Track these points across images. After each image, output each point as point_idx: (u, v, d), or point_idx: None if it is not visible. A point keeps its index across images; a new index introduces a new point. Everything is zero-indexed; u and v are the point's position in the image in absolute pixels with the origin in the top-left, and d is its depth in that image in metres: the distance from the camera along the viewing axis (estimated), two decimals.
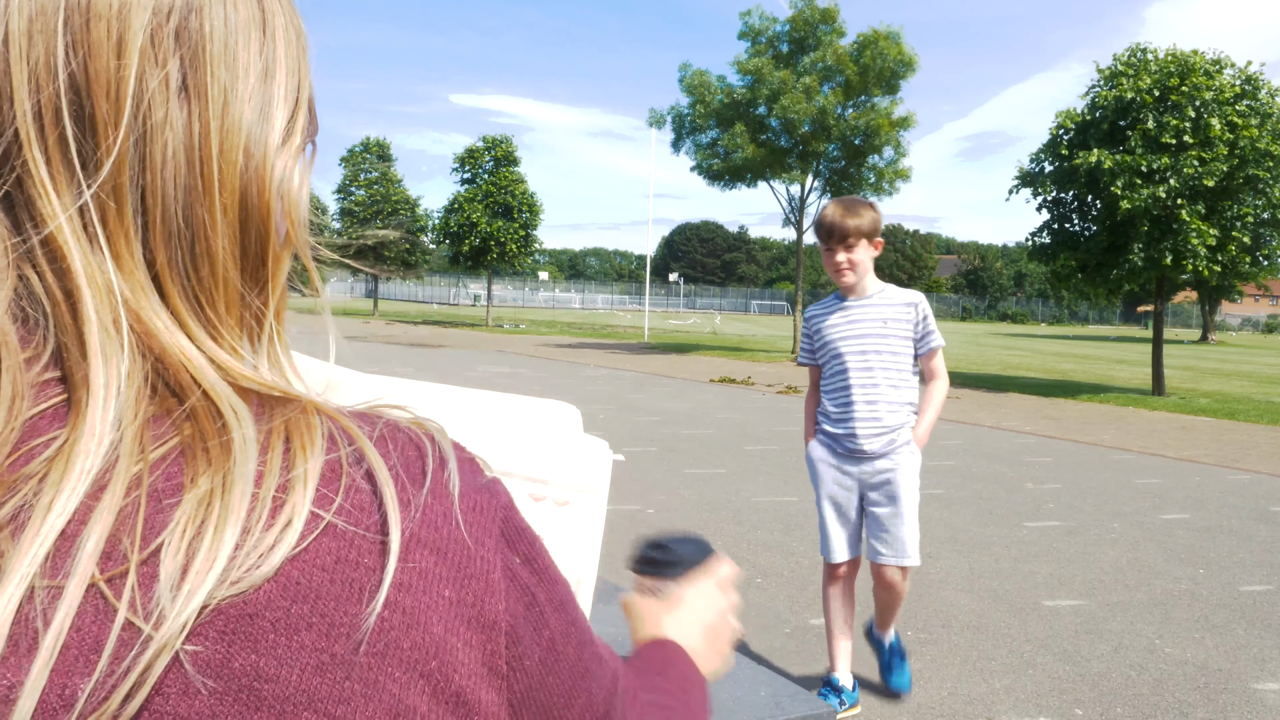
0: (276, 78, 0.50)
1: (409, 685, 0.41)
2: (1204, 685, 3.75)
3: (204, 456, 0.41)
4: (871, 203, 3.31)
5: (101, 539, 0.38)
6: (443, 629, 0.42)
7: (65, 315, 0.43)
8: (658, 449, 8.74)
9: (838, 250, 3.23)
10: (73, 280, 0.43)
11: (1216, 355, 33.47)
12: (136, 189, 0.45)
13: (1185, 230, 13.89)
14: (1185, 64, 14.40)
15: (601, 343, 27.42)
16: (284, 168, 0.50)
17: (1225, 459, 9.64)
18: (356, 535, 0.41)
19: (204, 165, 0.46)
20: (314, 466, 0.42)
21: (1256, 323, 77.05)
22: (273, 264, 0.49)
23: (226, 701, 0.37)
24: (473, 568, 0.44)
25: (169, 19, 0.46)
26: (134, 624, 0.37)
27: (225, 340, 0.47)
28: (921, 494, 3.29)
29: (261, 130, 0.49)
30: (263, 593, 0.39)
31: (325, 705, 0.39)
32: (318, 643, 0.39)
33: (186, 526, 0.39)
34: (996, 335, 47.40)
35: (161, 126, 0.45)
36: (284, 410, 0.44)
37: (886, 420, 3.22)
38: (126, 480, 0.40)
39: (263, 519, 0.40)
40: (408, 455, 0.45)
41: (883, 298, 3.30)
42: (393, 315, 41.37)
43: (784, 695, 1.45)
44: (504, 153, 34.82)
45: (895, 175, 24.11)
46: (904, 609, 4.52)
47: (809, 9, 23.43)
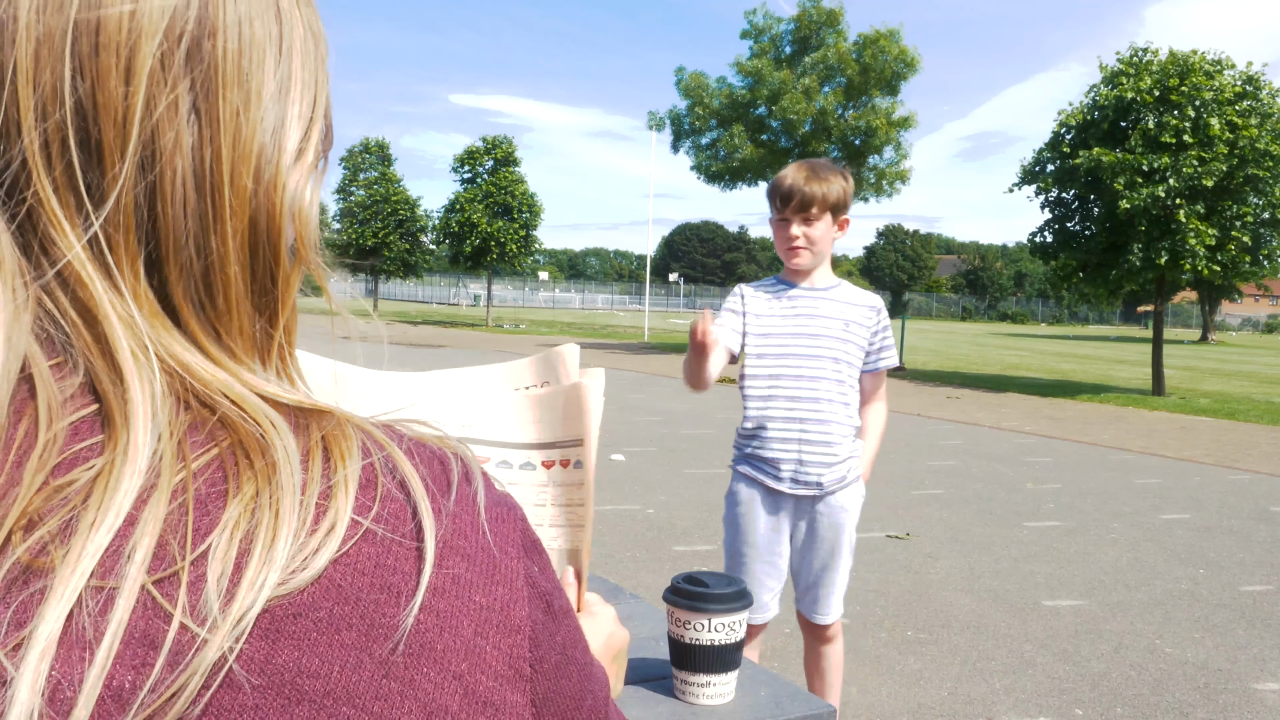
0: (291, 95, 0.49)
1: (442, 685, 0.42)
2: (1204, 685, 3.75)
3: (246, 464, 0.42)
4: (843, 170, 2.68)
5: (151, 545, 0.39)
6: (473, 632, 0.44)
7: (88, 339, 0.44)
8: (657, 449, 8.74)
9: (794, 221, 2.58)
10: (94, 308, 0.44)
11: (1216, 355, 33.48)
12: (146, 217, 0.45)
13: (1183, 230, 13.90)
14: (1185, 64, 14.41)
15: (601, 343, 27.42)
16: (296, 186, 0.50)
17: (1225, 459, 9.64)
18: (393, 541, 0.43)
19: (215, 192, 0.46)
20: (353, 474, 0.44)
21: (1256, 323, 77.05)
22: (282, 285, 0.50)
23: (269, 695, 0.39)
24: (499, 575, 0.46)
25: (180, 42, 0.45)
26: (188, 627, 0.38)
27: (243, 360, 0.48)
28: (920, 494, 3.17)
29: (274, 151, 0.48)
30: (306, 594, 0.40)
31: (364, 701, 0.40)
32: (358, 642, 0.41)
33: (234, 531, 0.40)
34: (996, 335, 47.41)
35: (171, 153, 0.45)
36: (319, 421, 0.46)
37: (843, 447, 2.60)
38: (171, 488, 0.41)
39: (307, 524, 0.41)
40: (434, 468, 0.47)
41: (841, 294, 2.68)
42: (393, 315, 41.36)
43: (784, 695, 1.45)
44: (504, 153, 34.85)
45: (895, 176, 24.14)
46: (904, 609, 4.52)
47: (815, 10, 23.47)
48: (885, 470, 7.92)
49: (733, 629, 1.42)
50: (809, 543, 2.66)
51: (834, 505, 2.63)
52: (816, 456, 2.57)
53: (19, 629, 0.37)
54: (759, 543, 2.65)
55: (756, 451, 2.63)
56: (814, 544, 2.65)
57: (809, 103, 22.86)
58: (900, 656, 3.93)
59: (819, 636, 2.76)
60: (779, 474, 2.60)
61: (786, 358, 2.60)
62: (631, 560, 5.15)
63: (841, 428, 2.60)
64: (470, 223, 33.46)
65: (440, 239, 35.78)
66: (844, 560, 2.67)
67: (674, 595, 1.46)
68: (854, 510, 2.66)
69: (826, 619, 2.71)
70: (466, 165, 35.10)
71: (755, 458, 2.63)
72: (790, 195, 2.56)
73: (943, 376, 18.93)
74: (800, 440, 2.57)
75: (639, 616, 1.72)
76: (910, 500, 6.74)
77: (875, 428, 2.75)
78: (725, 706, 1.41)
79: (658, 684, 1.48)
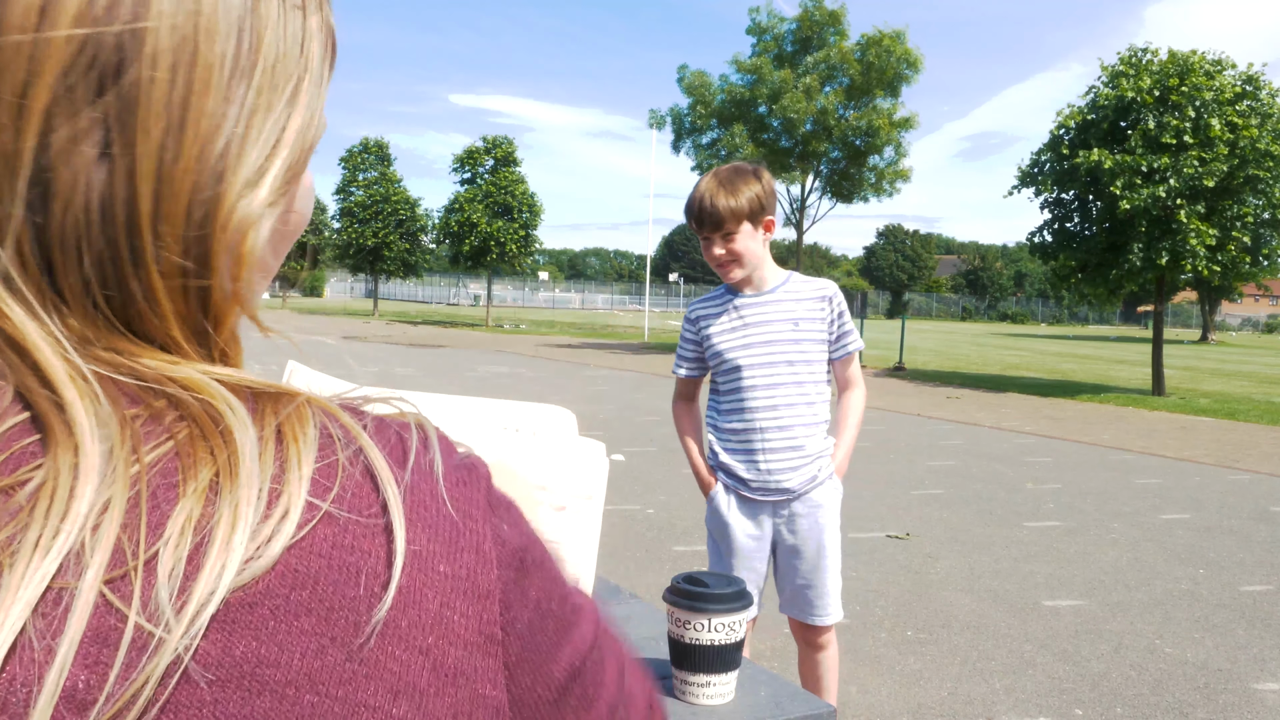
0: (252, 123, 0.45)
1: (409, 663, 0.41)
2: (1204, 685, 3.75)
3: (205, 453, 0.41)
4: (758, 169, 2.58)
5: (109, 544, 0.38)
6: (439, 604, 0.43)
7: (13, 357, 0.42)
8: (658, 449, 8.74)
9: (715, 241, 2.54)
10: (16, 334, 0.42)
11: (1216, 355, 33.47)
12: (56, 257, 0.42)
13: (1184, 230, 13.90)
14: (1185, 64, 14.41)
15: (602, 343, 27.41)
16: (239, 221, 0.45)
17: (1225, 459, 9.64)
18: (351, 520, 0.42)
19: (132, 230, 0.42)
20: (308, 456, 0.42)
21: (1256, 323, 77.03)
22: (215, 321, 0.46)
23: (229, 689, 0.38)
24: (463, 541, 0.45)
25: (90, 69, 0.41)
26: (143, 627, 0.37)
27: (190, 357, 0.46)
28: (920, 494, 3.16)
29: (214, 186, 0.44)
30: (262, 582, 0.39)
31: (327, 687, 0.39)
32: (317, 627, 0.40)
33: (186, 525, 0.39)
34: (996, 335, 47.40)
35: (70, 191, 0.42)
36: (274, 402, 0.44)
37: (807, 448, 2.56)
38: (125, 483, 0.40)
39: (260, 510, 0.40)
40: (392, 440, 0.46)
41: (788, 290, 2.60)
42: (393, 315, 41.36)
43: (784, 695, 1.45)
44: (504, 153, 34.86)
45: (895, 176, 24.15)
46: (904, 609, 4.52)
47: (817, 10, 23.48)
48: (885, 470, 7.92)
49: (733, 629, 1.42)
50: (793, 546, 2.60)
51: (811, 504, 2.58)
52: (782, 462, 2.55)
53: None
54: (736, 545, 2.61)
55: (724, 462, 2.62)
56: (798, 547, 2.60)
57: (809, 102, 22.86)
58: (900, 656, 3.93)
59: (812, 641, 2.69)
60: (747, 483, 2.59)
61: (739, 371, 2.57)
62: (631, 560, 5.15)
63: (806, 429, 2.56)
64: (470, 223, 33.47)
65: (440, 239, 35.78)
66: (831, 559, 2.61)
67: (674, 595, 1.46)
68: (832, 506, 2.60)
69: (823, 620, 2.63)
70: (466, 165, 35.12)
71: (724, 467, 2.63)
72: (702, 217, 2.51)
73: (943, 376, 18.92)
74: (764, 450, 2.55)
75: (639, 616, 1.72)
76: (910, 500, 6.69)
77: (849, 417, 2.66)
78: (725, 706, 1.41)
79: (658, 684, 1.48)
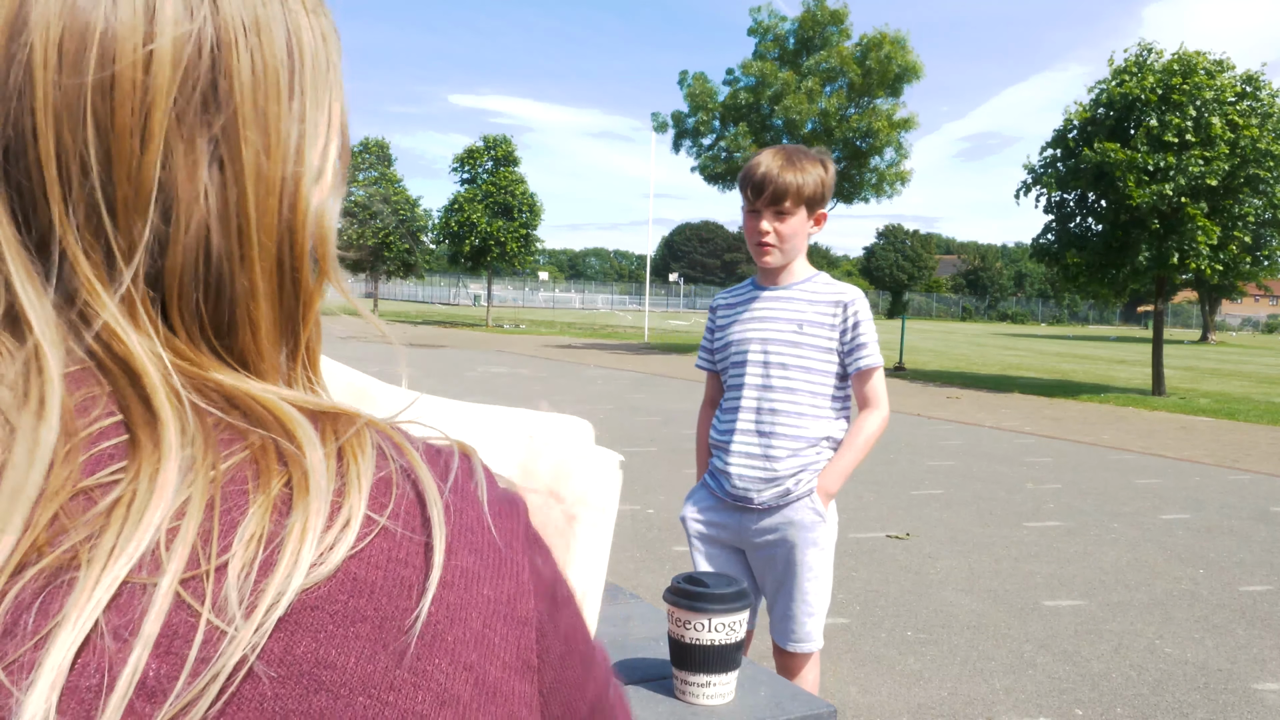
0: (309, 118, 0.49)
1: (454, 675, 0.44)
2: (1204, 685, 3.75)
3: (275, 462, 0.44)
4: (824, 159, 2.43)
5: (188, 546, 0.41)
6: (482, 624, 0.45)
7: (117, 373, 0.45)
8: (658, 449, 8.74)
9: (764, 215, 2.36)
10: (128, 357, 0.45)
11: (1216, 355, 33.46)
12: (171, 270, 0.46)
13: (1192, 228, 13.91)
14: (1188, 64, 14.43)
15: (602, 343, 27.41)
16: (317, 207, 0.50)
17: (1225, 459, 9.64)
18: (404, 536, 0.45)
19: (241, 234, 0.47)
20: (366, 472, 0.45)
21: (1256, 323, 77.02)
22: (305, 305, 0.51)
23: (288, 686, 0.40)
24: (506, 568, 0.48)
25: (195, 89, 0.45)
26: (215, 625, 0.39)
27: (269, 379, 0.50)
28: (920, 494, 3.06)
29: (295, 178, 0.48)
30: (323, 587, 0.42)
31: (379, 691, 0.42)
32: (372, 633, 0.42)
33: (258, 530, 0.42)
34: (996, 335, 47.39)
35: (191, 203, 0.45)
36: (334, 422, 0.47)
37: (781, 464, 2.35)
38: (203, 488, 0.42)
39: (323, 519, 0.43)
40: (442, 466, 0.49)
41: (804, 290, 2.43)
42: (393, 315, 41.35)
43: (784, 695, 1.45)
44: (504, 153, 34.85)
45: (896, 177, 24.14)
46: (904, 609, 4.52)
47: (819, 9, 23.48)
48: (885, 470, 7.91)
49: (732, 629, 1.42)
50: (764, 560, 2.43)
51: (783, 520, 2.37)
52: (752, 471, 2.38)
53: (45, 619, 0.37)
54: (691, 534, 2.51)
55: (712, 459, 2.52)
56: (769, 562, 2.42)
57: (811, 104, 22.86)
58: (900, 656, 3.93)
59: (784, 666, 2.47)
60: (719, 484, 2.45)
61: (731, 367, 2.45)
62: (631, 560, 5.15)
63: (789, 441, 2.36)
64: (470, 223, 33.47)
65: (440, 239, 35.77)
66: (804, 583, 2.37)
67: (674, 595, 1.46)
68: (809, 528, 2.35)
69: (790, 645, 2.41)
70: (466, 165, 35.11)
71: (712, 466, 2.51)
72: (762, 186, 2.33)
73: (943, 376, 18.92)
74: (744, 454, 2.39)
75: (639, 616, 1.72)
76: (910, 500, 6.69)
77: (854, 437, 2.40)
78: (725, 706, 1.41)
79: (658, 684, 1.48)
